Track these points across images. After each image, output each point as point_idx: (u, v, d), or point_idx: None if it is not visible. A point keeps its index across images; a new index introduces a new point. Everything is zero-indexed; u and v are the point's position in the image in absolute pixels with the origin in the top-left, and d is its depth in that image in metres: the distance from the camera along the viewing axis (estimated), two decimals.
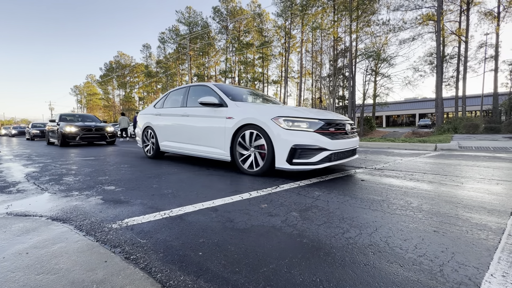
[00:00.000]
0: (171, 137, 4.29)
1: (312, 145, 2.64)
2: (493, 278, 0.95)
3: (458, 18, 22.41)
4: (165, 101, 4.78)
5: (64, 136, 8.47)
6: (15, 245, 1.28)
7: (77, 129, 8.71)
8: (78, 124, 8.96)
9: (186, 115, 3.99)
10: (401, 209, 1.76)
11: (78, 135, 8.68)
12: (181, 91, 4.47)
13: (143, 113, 5.16)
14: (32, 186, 2.59)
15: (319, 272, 1.01)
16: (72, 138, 8.60)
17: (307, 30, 30.12)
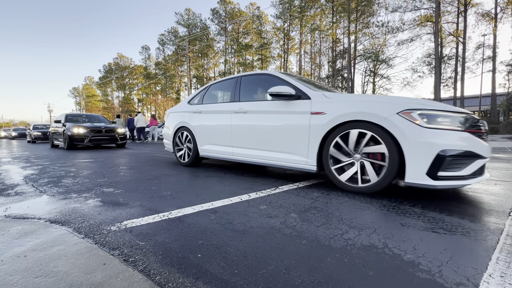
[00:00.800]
0: (217, 140, 3.42)
1: (467, 150, 1.90)
2: (491, 279, 0.95)
3: (456, 20, 22.57)
4: (204, 96, 3.92)
5: (71, 139, 7.68)
6: (13, 248, 1.28)
7: (86, 131, 7.87)
8: (87, 125, 8.11)
9: (242, 111, 3.11)
10: (400, 209, 1.76)
11: (87, 137, 7.85)
12: (229, 83, 3.59)
13: (174, 111, 4.35)
14: (31, 189, 2.58)
15: (318, 273, 1.01)
16: (80, 141, 7.80)
17: (306, 31, 30.24)
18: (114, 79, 54.70)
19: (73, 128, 7.81)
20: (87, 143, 7.90)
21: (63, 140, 8.19)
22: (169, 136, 4.34)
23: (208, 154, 3.59)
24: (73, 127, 7.84)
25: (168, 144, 4.45)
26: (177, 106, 4.43)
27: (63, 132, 8.12)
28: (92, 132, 8.03)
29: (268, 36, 37.01)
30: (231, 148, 3.27)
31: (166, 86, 47.48)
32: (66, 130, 7.87)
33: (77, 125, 8.06)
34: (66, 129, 7.87)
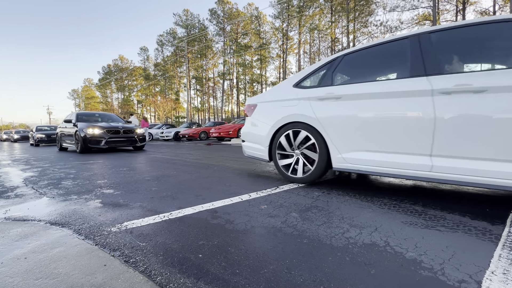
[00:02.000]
0: (387, 144, 2.01)
1: None
2: (494, 276, 0.95)
3: (455, 18, 22.60)
4: (335, 72, 2.52)
5: (85, 141, 6.68)
6: (14, 250, 1.27)
7: (102, 131, 6.83)
8: (103, 125, 7.04)
9: (445, 91, 1.74)
10: (402, 207, 1.76)
11: (103, 139, 6.80)
12: (389, 48, 2.25)
13: (269, 100, 2.93)
14: (31, 191, 2.58)
15: (320, 272, 1.00)
16: (96, 143, 6.78)
17: (305, 31, 30.27)
18: (114, 81, 54.71)
19: (87, 129, 6.76)
20: (103, 145, 6.84)
21: (75, 143, 7.19)
22: (262, 137, 2.89)
23: (360, 167, 2.14)
24: (87, 128, 6.78)
25: (258, 150, 2.97)
26: (272, 93, 2.99)
27: (75, 134, 7.07)
28: (109, 133, 6.95)
29: (267, 36, 37.05)
30: (427, 158, 1.81)
31: (165, 87, 47.49)
32: (78, 131, 6.80)
33: (92, 125, 7.00)
34: (79, 129, 6.81)
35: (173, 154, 6.23)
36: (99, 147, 6.85)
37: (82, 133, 6.72)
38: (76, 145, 7.12)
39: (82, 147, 6.79)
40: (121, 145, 7.31)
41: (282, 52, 34.80)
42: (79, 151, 6.95)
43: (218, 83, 43.93)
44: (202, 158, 5.18)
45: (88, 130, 6.76)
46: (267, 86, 40.34)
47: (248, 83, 40.69)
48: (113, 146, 7.06)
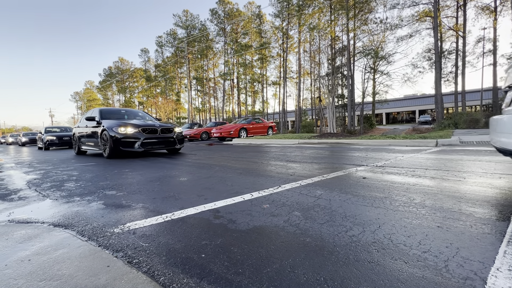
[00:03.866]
0: None
1: None
2: (499, 272, 0.94)
3: (455, 14, 22.44)
4: None
5: (117, 142, 5.48)
6: (17, 252, 1.28)
7: (136, 131, 5.61)
8: (137, 123, 5.86)
9: None
10: (404, 205, 1.75)
11: (138, 140, 5.57)
12: None
13: None
14: (34, 193, 2.59)
15: (323, 271, 1.00)
16: (129, 145, 5.55)
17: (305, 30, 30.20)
18: (115, 83, 54.88)
19: (118, 127, 5.54)
20: (138, 148, 5.59)
21: (100, 145, 6.06)
22: None
23: None
24: (118, 126, 5.57)
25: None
26: None
27: (101, 134, 5.91)
28: (145, 132, 5.72)
29: (267, 35, 36.99)
30: None
31: (166, 88, 47.56)
32: (107, 130, 5.62)
33: (124, 122, 5.76)
34: (107, 128, 5.63)
35: (173, 155, 6.24)
36: (133, 150, 5.57)
37: (112, 133, 5.48)
38: (102, 148, 5.95)
39: (112, 150, 5.55)
40: (158, 148, 6.00)
41: (282, 51, 34.73)
42: (107, 155, 5.76)
43: (219, 83, 43.94)
44: (204, 158, 5.18)
45: (120, 129, 5.50)
46: (268, 85, 40.33)
47: (249, 83, 40.67)
48: (148, 148, 5.78)
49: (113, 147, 5.54)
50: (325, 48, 26.09)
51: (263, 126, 15.21)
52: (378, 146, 6.92)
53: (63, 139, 12.38)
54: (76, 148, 7.79)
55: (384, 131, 25.04)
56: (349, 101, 23.48)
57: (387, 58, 24.74)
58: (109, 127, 5.67)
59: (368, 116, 29.20)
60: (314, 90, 34.33)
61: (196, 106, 46.02)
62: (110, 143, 5.57)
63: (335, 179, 2.71)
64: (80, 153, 7.62)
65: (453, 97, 23.80)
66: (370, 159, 4.16)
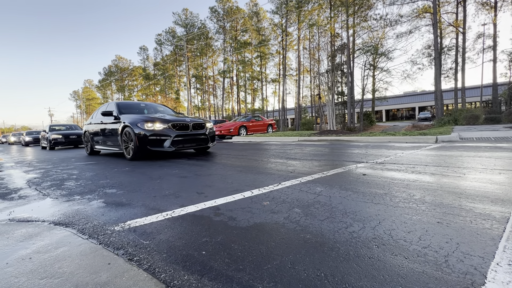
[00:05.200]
0: None
1: None
2: (499, 267, 0.94)
3: (455, 10, 22.32)
4: None
5: (143, 140, 4.59)
6: (18, 250, 1.28)
7: (165, 126, 4.74)
8: (167, 118, 4.96)
9: None
10: (404, 201, 1.75)
11: (169, 138, 4.70)
12: None
13: None
14: (34, 192, 2.59)
15: (324, 267, 1.00)
16: (157, 144, 4.67)
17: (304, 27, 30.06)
18: (114, 81, 54.72)
19: (144, 123, 4.65)
20: (168, 147, 4.70)
21: (120, 143, 5.16)
22: None
23: None
24: (144, 121, 4.67)
25: None
26: None
27: (123, 131, 5.03)
28: (175, 128, 4.85)
29: (267, 33, 36.83)
30: None
31: (165, 87, 47.45)
32: (130, 126, 4.75)
33: (150, 117, 4.87)
34: (131, 124, 4.76)
35: (174, 153, 6.23)
36: (163, 149, 4.72)
37: (137, 130, 4.61)
38: (123, 147, 5.07)
39: (137, 151, 4.67)
40: (189, 147, 5.08)
41: (281, 49, 34.58)
42: (130, 157, 4.85)
43: (218, 81, 43.85)
44: (204, 156, 5.18)
45: (147, 125, 4.62)
46: (268, 83, 40.24)
47: (248, 80, 40.58)
48: (179, 148, 4.85)
49: (138, 146, 4.62)
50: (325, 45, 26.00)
51: (263, 124, 15.21)
52: (378, 143, 6.92)
53: (70, 138, 11.45)
54: (88, 148, 6.90)
55: (384, 128, 25.03)
56: (349, 98, 23.45)
57: (387, 55, 24.66)
58: (133, 122, 4.77)
59: (368, 113, 29.17)
60: (313, 88, 34.27)
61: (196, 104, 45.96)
62: (134, 142, 4.66)
63: (335, 176, 2.72)
64: (93, 153, 6.80)
65: (453, 93, 23.76)
66: (370, 156, 4.16)
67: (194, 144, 5.20)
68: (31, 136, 17.73)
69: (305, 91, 37.50)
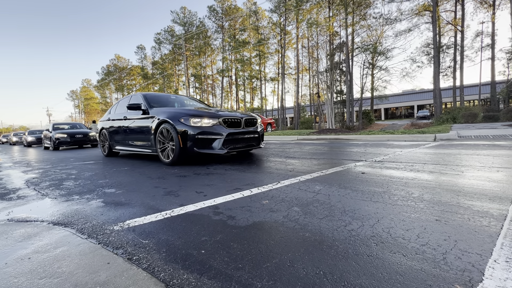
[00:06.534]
0: None
1: None
2: (496, 264, 0.95)
3: (454, 8, 22.35)
4: None
5: (190, 140, 3.71)
6: (17, 250, 1.28)
7: (215, 123, 3.84)
8: (218, 113, 4.04)
9: None
10: (403, 199, 1.76)
11: (220, 137, 3.77)
12: None
13: None
14: (33, 192, 2.59)
15: (323, 265, 1.01)
16: (206, 144, 3.77)
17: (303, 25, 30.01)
18: (112, 81, 54.54)
19: (190, 119, 3.78)
20: (219, 149, 3.76)
21: (158, 143, 4.18)
22: None
23: None
24: (189, 116, 3.81)
25: None
26: None
27: (158, 128, 4.13)
28: (226, 125, 3.94)
29: (265, 31, 36.76)
30: None
31: (164, 86, 47.33)
32: (170, 122, 3.86)
33: (197, 111, 4.03)
34: (170, 119, 3.88)
35: None
36: (212, 152, 3.73)
37: (181, 126, 3.75)
38: (160, 149, 4.15)
39: (180, 153, 3.77)
40: (240, 148, 4.11)
41: (280, 47, 34.53)
42: (170, 161, 3.93)
43: (217, 80, 43.80)
44: (202, 155, 5.17)
45: (193, 120, 3.76)
46: (267, 82, 40.20)
47: (247, 79, 40.53)
48: (230, 149, 3.89)
49: (182, 147, 3.74)
50: (324, 44, 25.98)
51: (262, 122, 15.20)
52: (376, 141, 6.94)
53: (76, 138, 10.68)
54: (105, 149, 5.97)
55: (382, 127, 25.06)
56: (348, 97, 23.46)
57: (386, 53, 24.65)
58: (174, 117, 3.88)
59: (367, 111, 29.18)
60: (312, 86, 34.28)
61: None
62: (177, 142, 3.76)
63: (334, 174, 2.72)
64: (111, 154, 5.90)
65: (452, 91, 23.80)
66: (369, 154, 4.17)
67: (246, 144, 4.25)
68: (33, 136, 16.24)
69: (304, 90, 37.54)
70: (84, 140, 10.97)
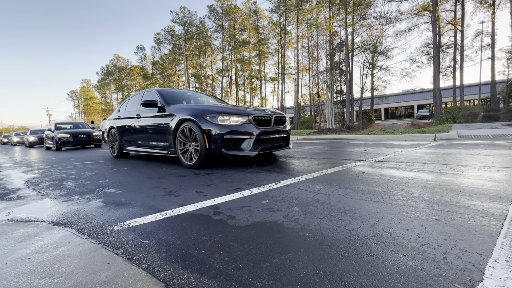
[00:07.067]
0: None
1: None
2: (496, 263, 0.95)
3: (454, 7, 22.34)
4: None
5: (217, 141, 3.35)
6: (17, 251, 1.28)
7: (244, 121, 3.48)
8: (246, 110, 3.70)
9: None
10: (403, 199, 1.76)
11: (251, 137, 3.44)
12: None
13: None
14: (33, 192, 2.59)
15: (323, 264, 1.01)
16: (235, 145, 3.43)
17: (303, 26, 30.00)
18: (112, 81, 54.52)
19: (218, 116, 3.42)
20: (249, 150, 3.41)
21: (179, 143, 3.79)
22: None
23: None
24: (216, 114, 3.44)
25: None
26: None
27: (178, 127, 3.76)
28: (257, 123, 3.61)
29: (265, 31, 36.75)
30: None
31: (164, 86, 47.31)
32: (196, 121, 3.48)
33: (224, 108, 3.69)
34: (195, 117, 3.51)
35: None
36: (242, 153, 3.36)
37: (206, 125, 3.39)
38: (181, 150, 3.77)
39: (206, 155, 3.41)
40: (270, 149, 3.73)
41: (280, 47, 34.51)
42: (193, 163, 3.55)
43: (217, 80, 43.79)
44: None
45: (220, 118, 3.40)
46: (266, 81, 40.20)
47: (247, 79, 40.53)
48: (260, 150, 3.48)
49: (208, 149, 3.37)
50: (324, 44, 25.97)
51: None
52: (376, 141, 6.94)
53: (79, 137, 10.36)
54: (115, 149, 5.58)
55: (382, 126, 25.06)
56: (348, 96, 23.45)
57: (386, 53, 24.64)
58: (198, 115, 3.51)
59: (367, 111, 29.16)
60: (312, 86, 34.26)
61: None
62: (202, 143, 3.39)
63: (334, 174, 2.72)
64: (121, 155, 5.52)
65: (452, 91, 23.78)
66: (369, 154, 4.17)
67: (275, 144, 3.88)
68: (35, 136, 15.30)
69: (304, 90, 37.52)
70: (88, 140, 10.69)
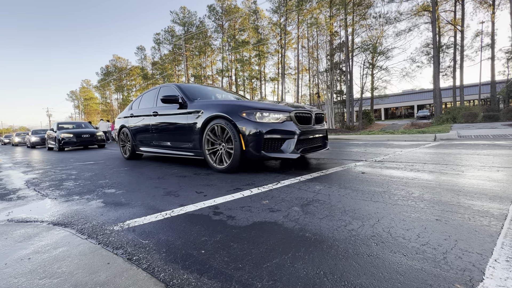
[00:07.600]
0: None
1: None
2: (497, 263, 0.95)
3: (453, 8, 22.35)
4: None
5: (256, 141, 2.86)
6: (17, 251, 1.28)
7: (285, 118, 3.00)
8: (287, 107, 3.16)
9: None
10: (403, 199, 1.76)
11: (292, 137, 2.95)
12: None
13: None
14: (33, 192, 2.58)
15: (323, 264, 1.01)
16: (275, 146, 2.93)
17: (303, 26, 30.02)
18: (112, 81, 54.54)
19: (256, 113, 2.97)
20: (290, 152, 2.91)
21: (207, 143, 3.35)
22: None
23: None
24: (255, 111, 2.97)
25: None
26: None
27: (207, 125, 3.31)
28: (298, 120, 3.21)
29: (265, 31, 36.75)
30: None
31: None
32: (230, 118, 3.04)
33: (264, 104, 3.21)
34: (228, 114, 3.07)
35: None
36: (283, 156, 2.89)
37: (242, 123, 2.94)
38: (209, 151, 3.34)
39: (242, 156, 2.98)
40: (310, 150, 3.23)
41: (280, 47, 34.51)
42: (225, 167, 3.11)
43: (217, 80, 43.78)
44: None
45: (259, 115, 2.96)
46: (266, 82, 40.21)
47: (247, 80, 40.54)
48: (301, 151, 3.03)
49: (245, 150, 2.94)
50: (324, 44, 25.98)
51: None
52: (376, 141, 6.94)
53: (82, 138, 10.05)
54: (127, 150, 5.18)
55: (382, 127, 25.06)
56: (348, 96, 23.45)
57: (386, 53, 24.65)
58: (232, 111, 3.06)
59: (367, 111, 29.15)
60: (312, 86, 34.28)
61: None
62: (237, 143, 2.96)
63: (334, 174, 2.72)
64: (134, 157, 5.12)
65: (452, 91, 23.78)
66: (369, 154, 4.17)
67: (314, 145, 3.43)
68: (38, 136, 14.59)
69: (304, 90, 37.50)
70: (91, 140, 10.37)
